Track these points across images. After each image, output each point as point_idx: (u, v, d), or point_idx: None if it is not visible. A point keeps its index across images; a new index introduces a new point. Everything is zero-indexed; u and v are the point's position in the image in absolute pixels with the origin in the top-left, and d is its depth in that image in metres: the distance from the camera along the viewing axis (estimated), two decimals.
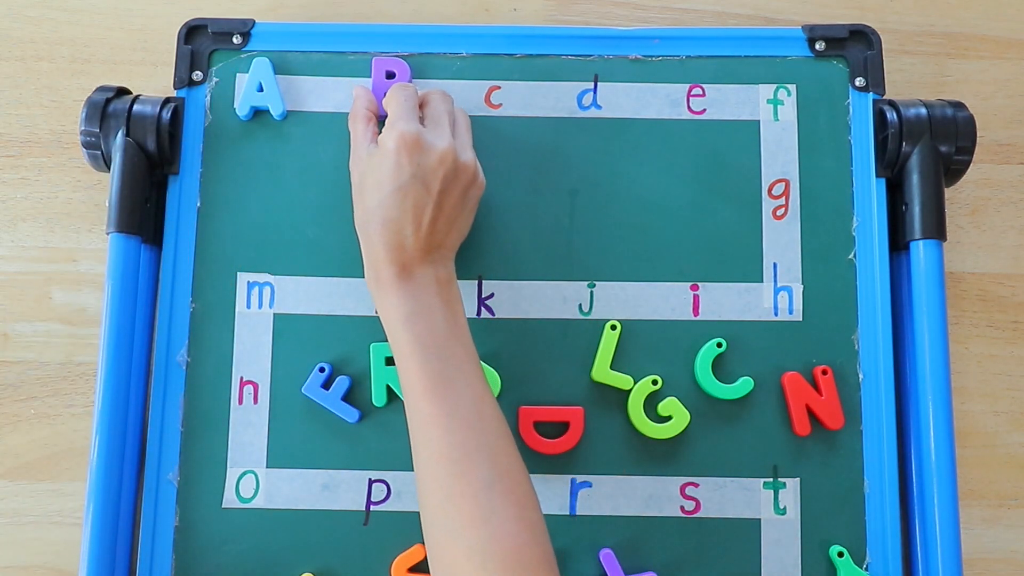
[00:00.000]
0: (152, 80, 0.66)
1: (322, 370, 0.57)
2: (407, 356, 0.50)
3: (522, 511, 0.47)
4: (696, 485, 0.57)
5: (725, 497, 0.57)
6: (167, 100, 0.60)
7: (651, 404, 0.57)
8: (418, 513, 0.56)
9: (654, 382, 0.57)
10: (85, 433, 0.59)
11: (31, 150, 0.65)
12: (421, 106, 0.56)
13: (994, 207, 0.65)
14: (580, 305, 0.59)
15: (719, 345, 0.58)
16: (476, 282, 0.59)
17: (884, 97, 0.61)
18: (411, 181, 0.51)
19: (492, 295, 0.59)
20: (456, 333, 0.51)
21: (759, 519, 0.56)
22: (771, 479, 0.57)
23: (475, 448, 0.48)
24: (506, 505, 0.46)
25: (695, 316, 0.59)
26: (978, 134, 0.58)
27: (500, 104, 0.61)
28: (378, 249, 0.52)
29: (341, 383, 0.57)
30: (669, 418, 0.57)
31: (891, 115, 0.59)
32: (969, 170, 0.59)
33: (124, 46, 0.66)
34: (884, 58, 0.61)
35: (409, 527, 0.56)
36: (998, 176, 0.65)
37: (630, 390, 0.57)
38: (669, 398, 0.57)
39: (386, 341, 0.57)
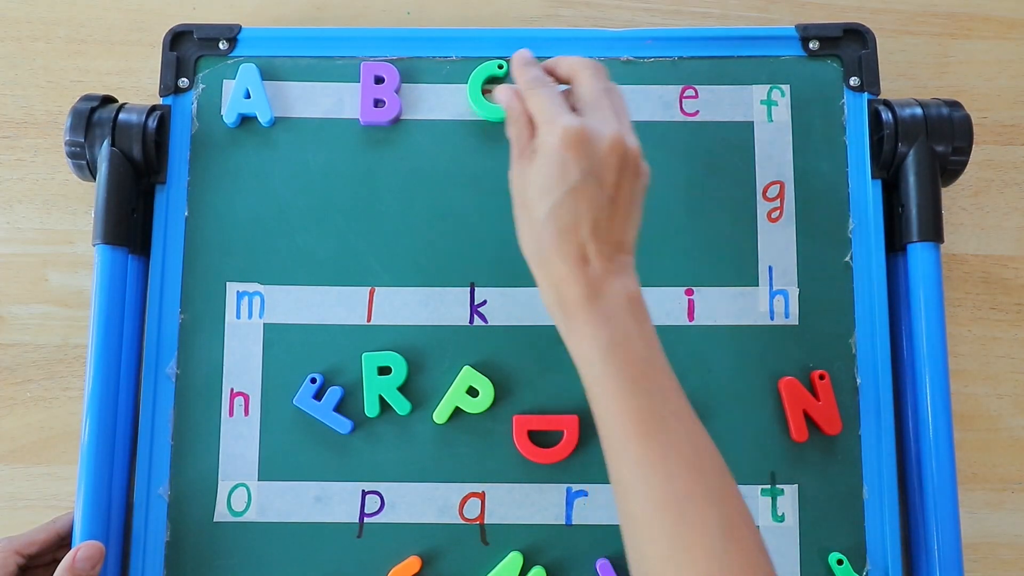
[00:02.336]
0: (148, 61, 0.65)
1: (313, 381, 0.57)
2: (610, 394, 0.44)
3: (757, 559, 0.42)
4: None
5: None
6: (153, 108, 0.59)
7: None
8: (412, 525, 0.56)
9: None
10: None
11: (27, 131, 0.65)
12: (559, 79, 0.51)
13: (997, 188, 0.64)
14: None
15: None
16: (468, 289, 0.58)
17: (880, 96, 0.60)
18: (582, 180, 0.45)
19: (485, 302, 0.58)
20: (657, 360, 0.46)
21: (757, 527, 0.56)
22: (769, 486, 0.56)
23: (701, 493, 0.43)
24: (741, 554, 0.42)
25: (690, 321, 0.58)
26: (981, 115, 0.58)
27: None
28: (558, 267, 0.46)
29: (333, 394, 0.57)
30: None
31: (886, 115, 0.58)
32: (972, 151, 0.58)
33: (120, 26, 0.66)
34: (886, 38, 0.60)
35: (403, 539, 0.56)
36: (1001, 157, 0.65)
37: None
38: None
39: (378, 350, 0.57)
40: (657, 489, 0.43)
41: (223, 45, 0.61)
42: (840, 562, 0.55)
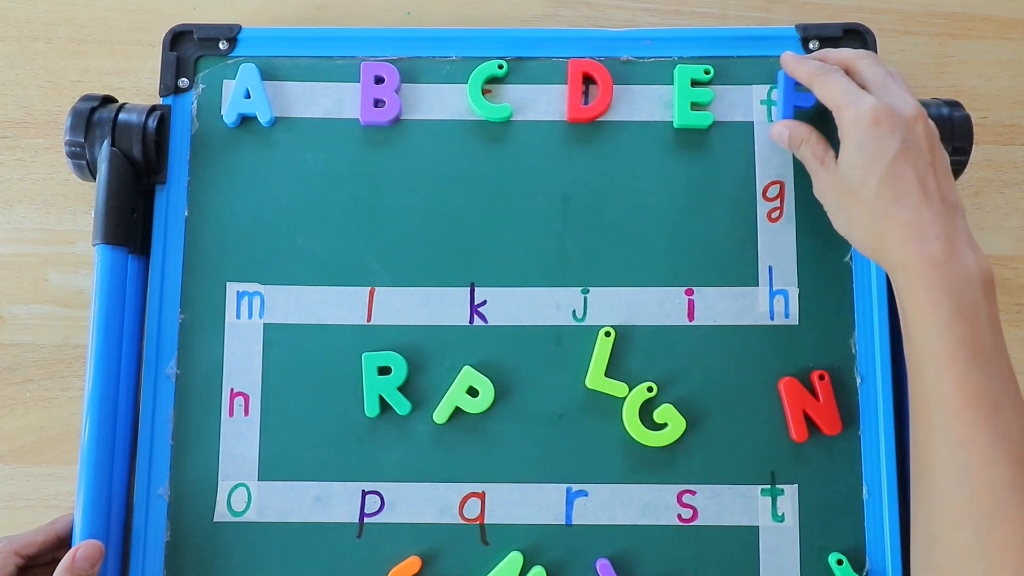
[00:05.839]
0: (148, 61, 0.65)
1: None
2: (944, 365, 0.43)
3: None
4: (693, 493, 0.56)
5: (722, 505, 0.56)
6: (153, 108, 0.59)
7: (646, 411, 0.57)
8: (412, 525, 0.56)
9: (649, 389, 0.57)
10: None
11: (27, 131, 0.65)
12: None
13: (997, 188, 0.64)
14: (574, 311, 0.58)
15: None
16: (468, 289, 0.58)
17: None
18: (903, 146, 0.48)
19: (485, 302, 0.58)
20: (999, 344, 0.44)
21: (757, 526, 0.56)
22: (769, 486, 0.56)
23: None
24: None
25: (690, 321, 0.58)
26: (981, 115, 0.58)
27: None
28: (900, 233, 0.47)
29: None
30: (665, 425, 0.56)
31: None
32: (972, 151, 0.58)
33: (120, 26, 0.66)
34: (886, 38, 0.60)
35: (403, 539, 0.56)
36: (1001, 157, 0.65)
37: (625, 397, 0.57)
38: (664, 405, 0.56)
39: (378, 350, 0.57)
40: (974, 473, 0.41)
41: (223, 45, 0.61)
42: (840, 562, 0.55)
